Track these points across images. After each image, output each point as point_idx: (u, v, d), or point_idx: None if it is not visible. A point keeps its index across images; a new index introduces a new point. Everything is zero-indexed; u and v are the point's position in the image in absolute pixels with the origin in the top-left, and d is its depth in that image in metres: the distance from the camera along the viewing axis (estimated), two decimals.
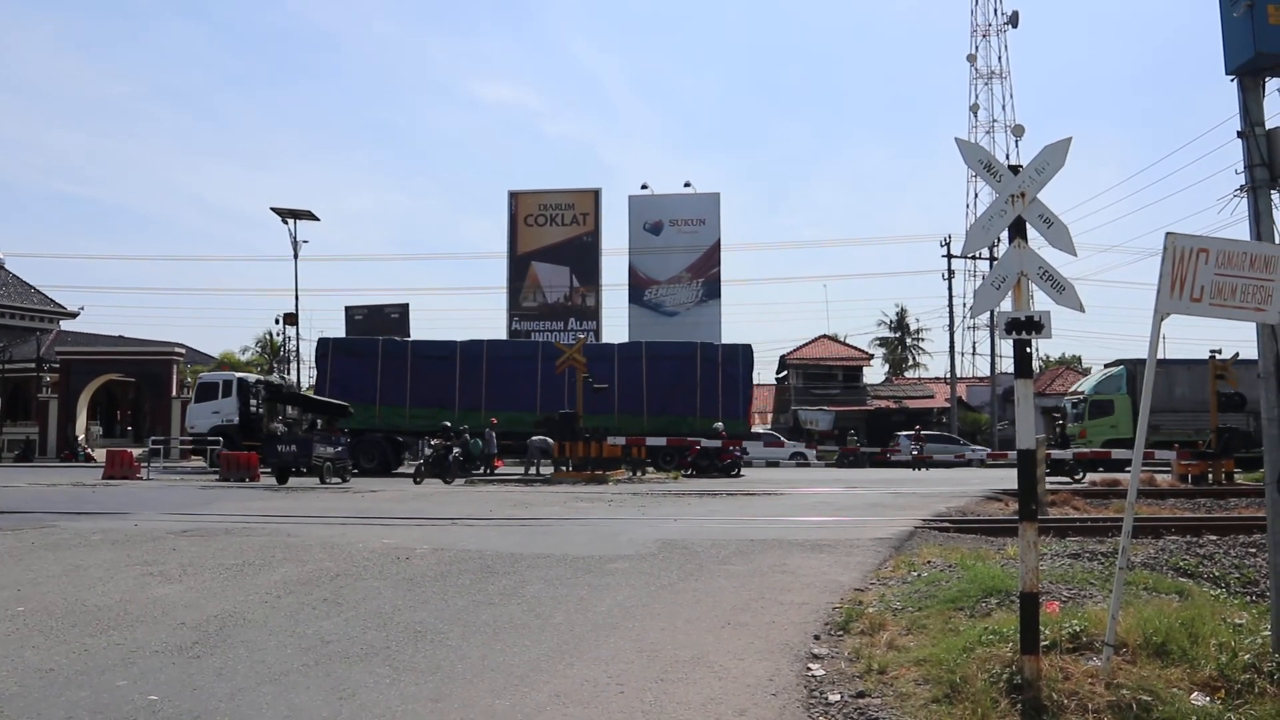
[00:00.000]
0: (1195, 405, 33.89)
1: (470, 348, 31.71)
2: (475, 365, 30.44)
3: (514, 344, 31.10)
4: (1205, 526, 11.70)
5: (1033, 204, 4.76)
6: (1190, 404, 34.13)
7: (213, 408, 32.32)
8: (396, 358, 30.81)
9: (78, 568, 8.72)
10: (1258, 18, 4.91)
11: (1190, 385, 34.27)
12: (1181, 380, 34.52)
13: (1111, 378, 37.22)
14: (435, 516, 14.21)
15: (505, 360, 30.87)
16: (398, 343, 32.33)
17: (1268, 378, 5.03)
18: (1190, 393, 34.13)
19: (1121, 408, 35.08)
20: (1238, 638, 5.11)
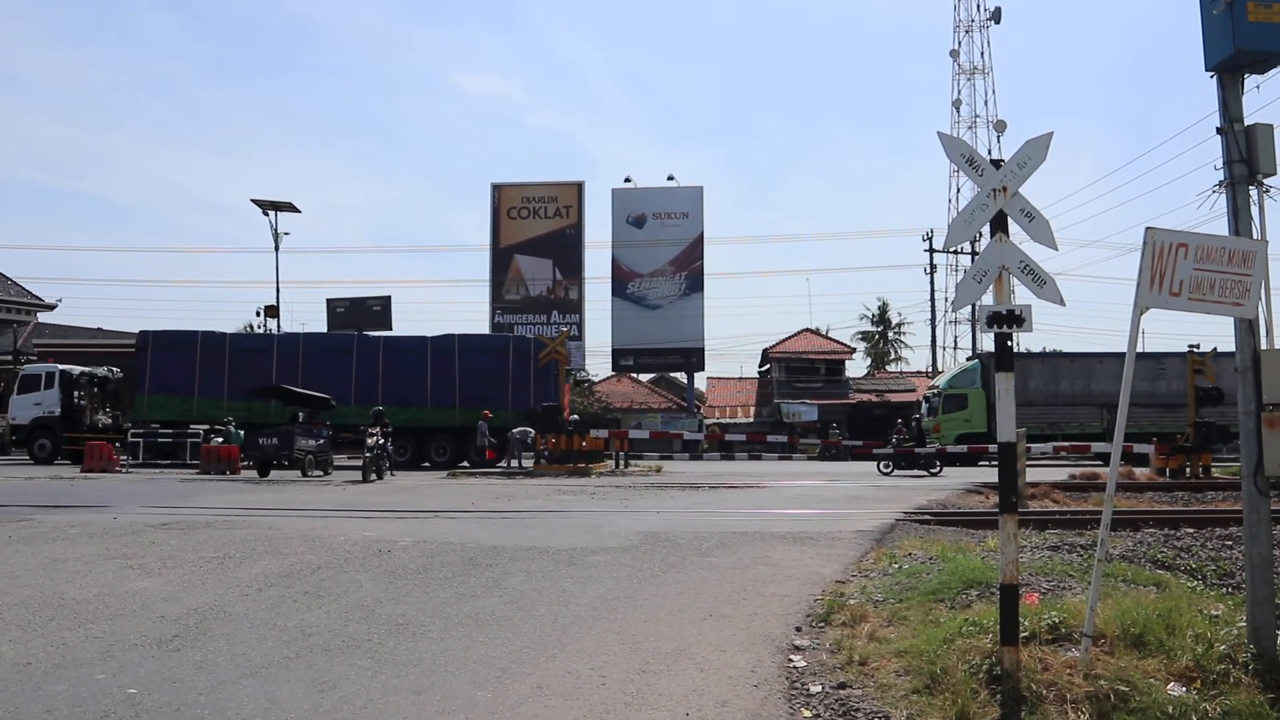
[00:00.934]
0: (1047, 399, 34.37)
1: (287, 341, 31.98)
2: (291, 358, 30.42)
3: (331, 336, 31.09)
4: (1183, 519, 11.81)
5: (1014, 198, 4.78)
6: (1043, 398, 34.45)
7: (34, 399, 31.97)
8: (215, 351, 30.75)
9: (56, 561, 8.64)
10: (1237, 15, 4.95)
11: (1043, 379, 34.61)
12: (1035, 374, 34.79)
13: (966, 372, 37.28)
14: (417, 509, 14.17)
15: (323, 353, 30.88)
16: (216, 336, 32.26)
17: (1244, 372, 5.07)
18: (1043, 386, 34.53)
19: (975, 402, 35.10)
20: (1214, 629, 5.16)
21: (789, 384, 52.48)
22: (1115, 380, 34.13)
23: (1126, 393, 5.10)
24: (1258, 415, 4.99)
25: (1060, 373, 35.36)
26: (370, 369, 29.82)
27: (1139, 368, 34.64)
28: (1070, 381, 34.88)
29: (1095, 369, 35.27)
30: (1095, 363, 35.95)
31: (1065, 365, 36.07)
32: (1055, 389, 34.74)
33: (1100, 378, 34.76)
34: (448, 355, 30.33)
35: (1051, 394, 34.61)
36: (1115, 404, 36.69)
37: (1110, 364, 35.60)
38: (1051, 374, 35.19)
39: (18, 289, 52.04)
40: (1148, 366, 35.04)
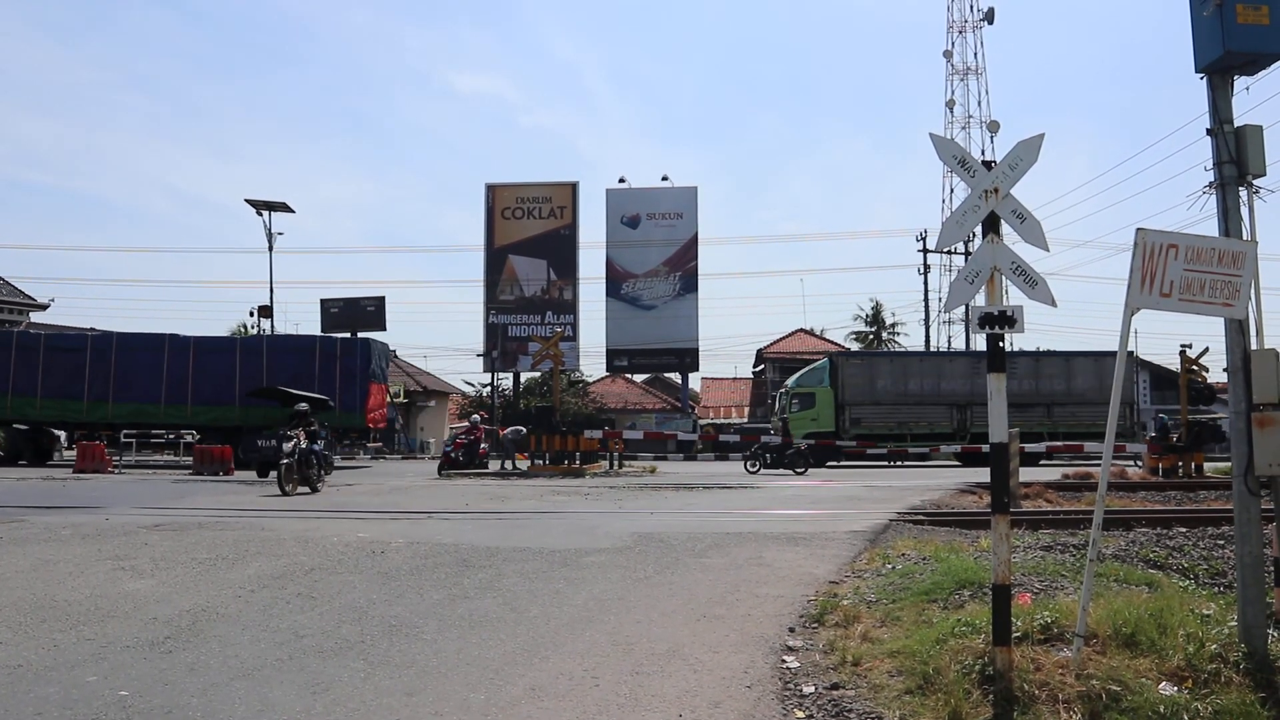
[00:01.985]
0: (897, 398, 34.22)
1: (100, 340, 32.07)
2: (105, 357, 30.60)
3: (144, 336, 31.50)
4: (1175, 519, 11.83)
5: (1006, 199, 4.79)
6: (892, 397, 34.31)
7: None
8: (29, 349, 30.93)
9: (47, 563, 8.62)
10: (1226, 17, 4.97)
11: (892, 378, 34.48)
12: (883, 373, 34.73)
13: (814, 370, 37.04)
14: (411, 510, 14.16)
15: (135, 352, 30.99)
16: (30, 335, 32.64)
17: (1235, 373, 5.09)
18: (892, 385, 34.35)
19: (823, 400, 34.95)
20: (1205, 628, 5.18)
21: (783, 384, 52.53)
22: (965, 380, 34.00)
23: (1117, 396, 5.12)
24: (1248, 415, 5.01)
25: (910, 372, 35.13)
26: (181, 368, 30.21)
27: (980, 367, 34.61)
28: (920, 381, 34.58)
29: (945, 368, 35.19)
30: (945, 362, 36.05)
31: (915, 364, 35.92)
32: (905, 388, 34.44)
33: (950, 377, 34.61)
34: (256, 355, 30.80)
35: (900, 393, 34.32)
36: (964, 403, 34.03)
37: (960, 363, 35.47)
38: (901, 373, 34.94)
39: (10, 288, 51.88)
40: None
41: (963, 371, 34.66)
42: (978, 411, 33.48)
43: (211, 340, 33.07)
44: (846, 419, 34.12)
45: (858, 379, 34.74)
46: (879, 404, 34.04)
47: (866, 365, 35.46)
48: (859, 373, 35.00)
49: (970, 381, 34.02)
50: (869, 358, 36.19)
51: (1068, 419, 34.16)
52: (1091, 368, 34.85)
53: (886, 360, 36.71)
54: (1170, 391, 43.98)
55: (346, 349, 31.07)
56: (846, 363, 35.91)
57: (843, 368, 35.32)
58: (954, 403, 34.34)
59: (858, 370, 35.18)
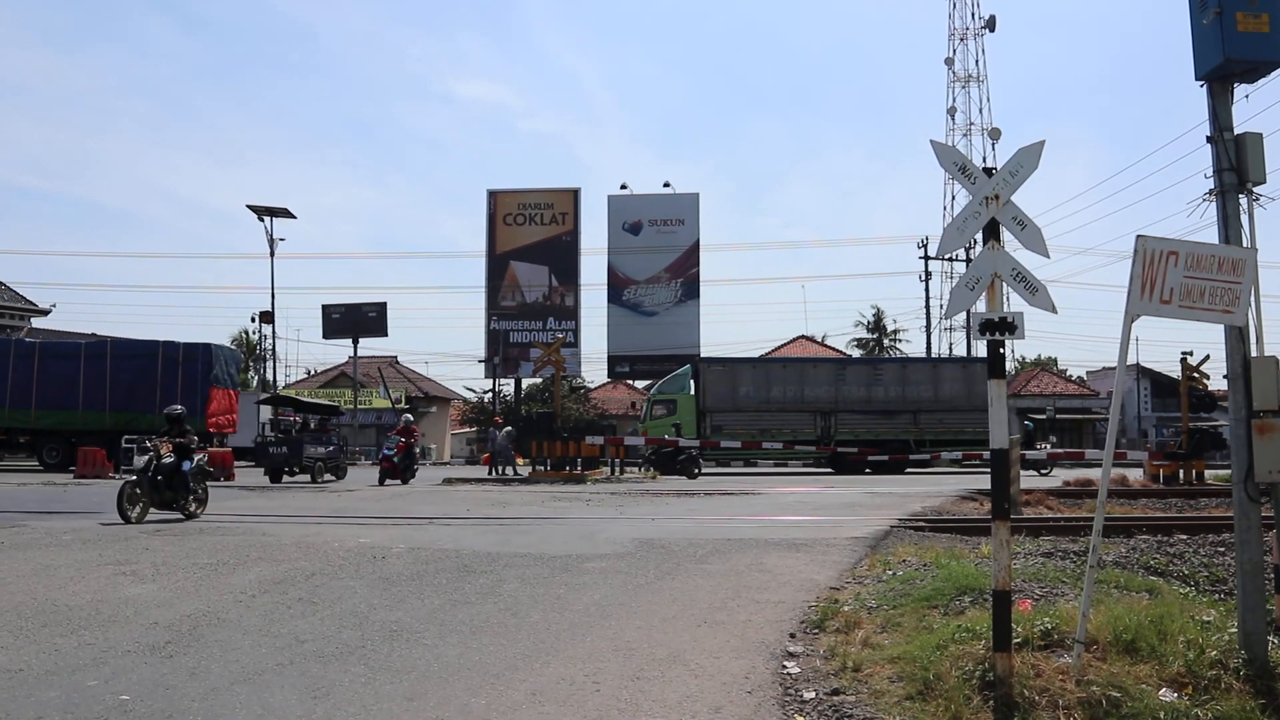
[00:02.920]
0: (759, 405, 33.69)
1: (21, 346, 32.29)
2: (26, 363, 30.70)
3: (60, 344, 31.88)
4: (1176, 526, 11.84)
5: (1006, 206, 4.81)
6: (754, 404, 33.82)
7: None
8: None
9: (48, 567, 8.62)
10: (1226, 25, 4.99)
11: (755, 384, 33.99)
12: (746, 379, 34.23)
13: (676, 377, 36.50)
14: (412, 515, 14.16)
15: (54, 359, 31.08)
16: None
17: (1234, 380, 5.10)
18: (755, 392, 33.88)
19: (684, 407, 34.36)
20: (1205, 635, 5.19)
21: None
22: (829, 386, 33.63)
23: (1118, 402, 5.12)
24: (1248, 422, 5.02)
25: (773, 378, 34.55)
26: (25, 373, 30.25)
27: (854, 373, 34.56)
28: (783, 387, 34.03)
29: (809, 375, 34.69)
30: (809, 368, 35.52)
31: (778, 371, 35.42)
32: (767, 395, 33.84)
33: (814, 383, 34.12)
34: (100, 360, 30.82)
35: (764, 399, 33.73)
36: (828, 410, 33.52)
37: (824, 369, 35.17)
38: (764, 379, 34.38)
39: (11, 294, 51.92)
40: (863, 372, 34.87)
41: (827, 378, 34.16)
42: (842, 418, 33.35)
43: (56, 345, 33.30)
44: (708, 426, 33.35)
45: (720, 385, 34.07)
46: (741, 411, 33.38)
47: (729, 371, 34.62)
48: (721, 379, 34.30)
49: (834, 388, 33.62)
50: (731, 364, 35.15)
51: (935, 426, 33.59)
52: (959, 375, 34.40)
53: (749, 366, 35.74)
54: (1171, 399, 44.03)
55: (189, 354, 31.31)
56: (708, 369, 35.05)
57: (705, 374, 34.56)
58: (818, 409, 33.76)
59: (720, 376, 34.42)
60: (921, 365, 36.55)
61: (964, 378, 34.13)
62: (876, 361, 35.14)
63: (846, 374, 34.57)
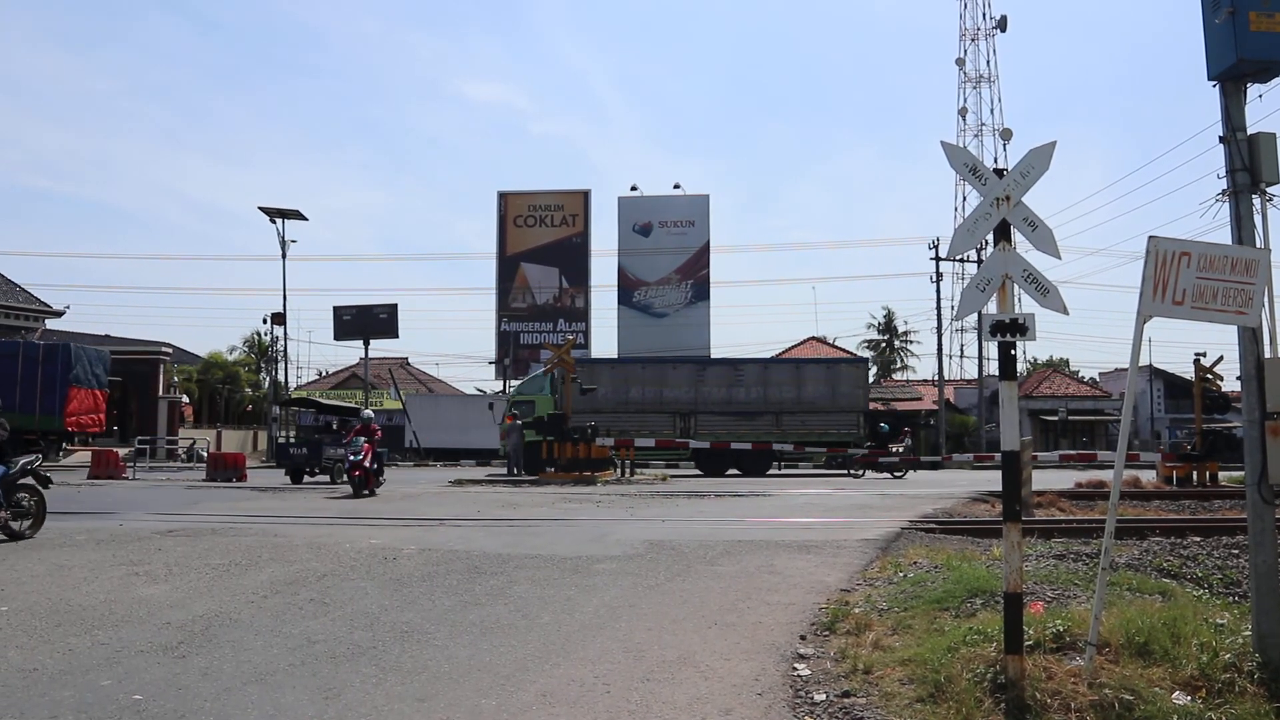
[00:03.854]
0: (618, 405, 33.18)
1: None
2: None
3: None
4: (1189, 528, 11.77)
5: (1017, 207, 4.79)
6: (613, 404, 33.27)
7: None
8: None
9: (62, 567, 8.68)
10: (1239, 25, 4.97)
11: (614, 385, 33.42)
12: (605, 379, 33.59)
13: (536, 378, 35.64)
14: (422, 517, 14.19)
15: None
16: None
17: (1248, 381, 5.07)
18: (614, 393, 33.31)
19: (543, 407, 33.29)
20: (1219, 638, 5.15)
21: None
22: (688, 387, 33.01)
23: (1130, 403, 5.10)
24: (1262, 424, 4.99)
25: (632, 379, 34.01)
26: None
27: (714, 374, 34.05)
28: (642, 388, 33.52)
29: (669, 375, 34.10)
30: (669, 369, 34.85)
31: (638, 371, 34.81)
32: (626, 395, 33.33)
33: (673, 384, 33.54)
34: None
35: (622, 400, 33.20)
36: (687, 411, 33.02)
37: (684, 370, 34.45)
38: (623, 380, 33.85)
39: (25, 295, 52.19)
40: (724, 373, 34.16)
41: (687, 379, 33.59)
42: (702, 420, 32.96)
43: None
44: None
45: (609, 387, 33.48)
46: (599, 411, 32.46)
47: (586, 372, 33.54)
48: (609, 379, 33.77)
49: (694, 389, 33.10)
50: (589, 364, 34.65)
51: (798, 427, 32.95)
52: (823, 376, 33.87)
53: (608, 367, 35.15)
54: (1184, 400, 43.75)
55: (48, 355, 31.55)
56: None
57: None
58: (677, 410, 33.27)
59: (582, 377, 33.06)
60: (784, 366, 35.79)
61: (828, 379, 33.57)
62: (738, 362, 34.46)
63: (707, 375, 33.90)
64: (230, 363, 63.69)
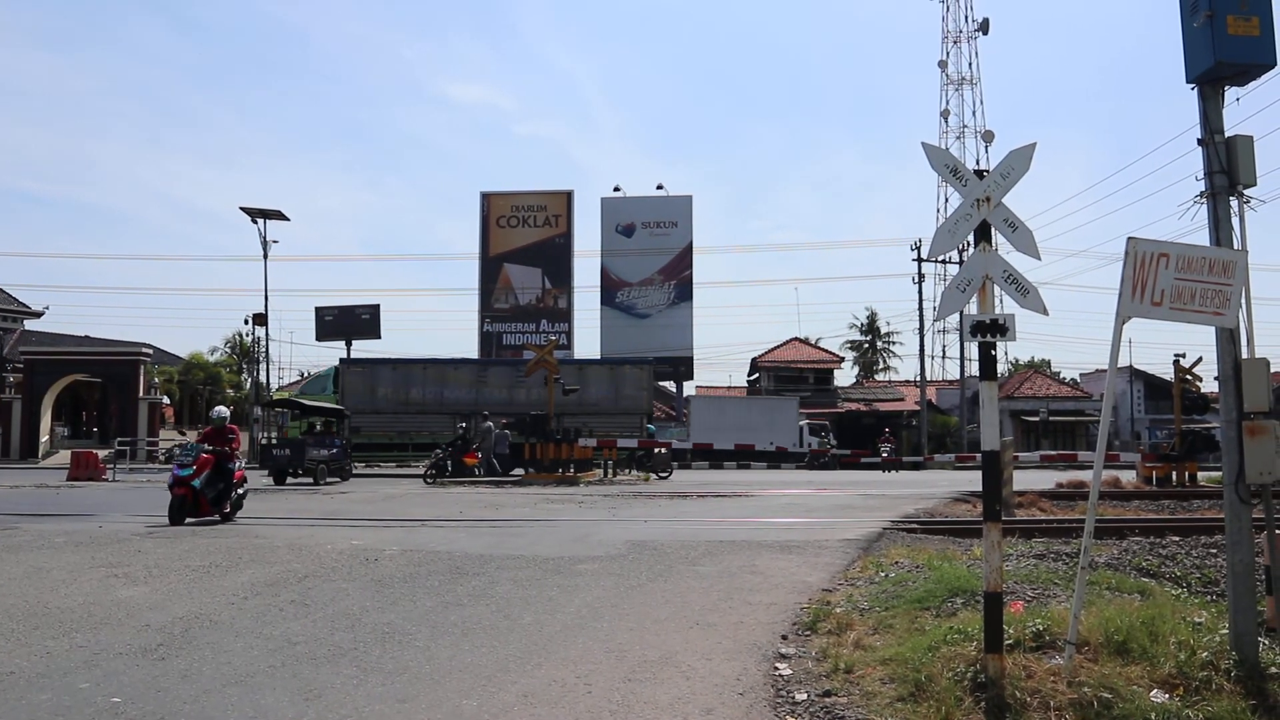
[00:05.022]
0: (398, 406, 32.97)
1: None
2: None
3: None
4: (1168, 527, 11.88)
5: (998, 208, 4.82)
6: (393, 405, 33.06)
7: None
8: None
9: (40, 570, 8.60)
10: (1217, 28, 5.01)
11: (394, 385, 33.28)
12: (385, 380, 33.54)
13: (320, 378, 35.96)
14: (404, 518, 14.14)
15: None
16: None
17: (1226, 381, 5.12)
18: (394, 393, 33.19)
19: None
20: (1197, 636, 5.20)
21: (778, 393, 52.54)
22: (469, 388, 32.77)
23: (1109, 404, 5.13)
24: (1239, 424, 5.04)
25: (413, 380, 33.81)
26: None
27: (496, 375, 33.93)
28: (423, 389, 33.35)
29: (449, 376, 33.95)
30: (449, 369, 34.70)
31: (418, 372, 34.51)
32: (407, 396, 33.16)
33: (454, 385, 33.42)
34: None
35: (403, 401, 33.06)
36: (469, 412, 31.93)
37: (465, 371, 34.26)
38: (403, 381, 33.62)
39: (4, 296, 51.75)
40: (506, 373, 34.05)
41: (468, 379, 33.43)
42: None
43: None
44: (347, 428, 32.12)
45: (359, 387, 33.33)
46: (380, 413, 32.66)
47: (368, 372, 33.84)
48: (360, 380, 33.57)
49: (475, 390, 32.91)
50: (371, 365, 34.55)
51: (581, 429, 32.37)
52: (606, 377, 33.72)
53: (389, 368, 34.82)
54: (1165, 401, 44.10)
55: None
56: (349, 369, 34.37)
57: (345, 375, 33.78)
58: (458, 411, 32.89)
59: (359, 378, 33.69)
60: (568, 368, 35.06)
61: (610, 380, 33.47)
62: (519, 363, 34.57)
63: (489, 376, 33.80)
64: (211, 364, 63.34)
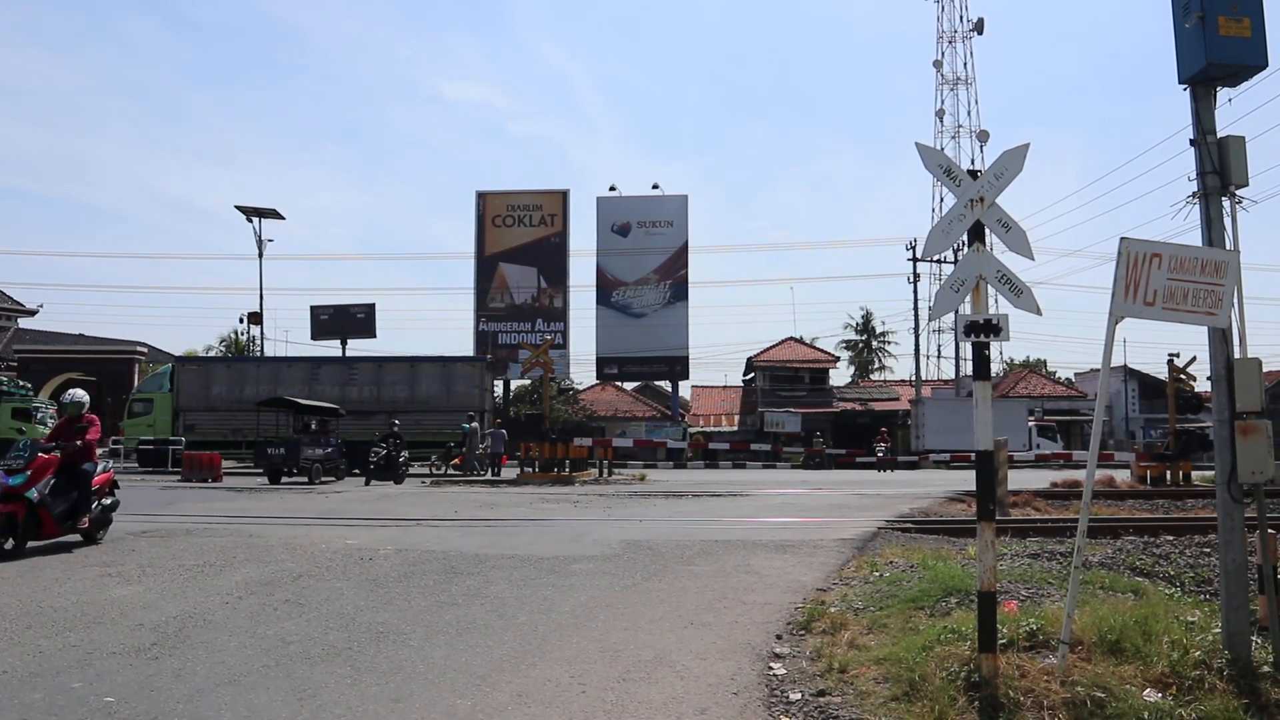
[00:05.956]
0: (231, 404, 32.87)
1: None
2: None
3: None
4: (1162, 527, 11.90)
5: (991, 208, 4.83)
6: (226, 403, 33.00)
7: None
8: None
9: (34, 569, 8.58)
10: (1209, 29, 5.03)
11: (229, 384, 33.29)
12: (220, 378, 33.57)
13: (156, 376, 35.80)
14: (400, 517, 14.12)
15: None
16: None
17: (1218, 381, 5.13)
18: (228, 391, 33.19)
19: (160, 406, 33.57)
20: (1190, 635, 5.21)
21: (773, 392, 52.54)
22: (302, 386, 32.69)
23: (1102, 403, 5.14)
24: (1231, 423, 5.05)
25: (247, 378, 33.80)
26: None
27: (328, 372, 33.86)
28: (257, 387, 33.17)
29: (284, 374, 33.87)
30: (284, 367, 34.69)
31: (252, 370, 34.59)
32: (241, 394, 32.98)
33: (288, 383, 33.27)
34: None
35: (237, 399, 32.88)
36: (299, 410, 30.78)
37: (298, 368, 34.31)
38: (238, 379, 33.70)
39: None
40: (338, 371, 34.09)
41: (301, 377, 33.45)
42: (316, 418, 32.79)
43: None
44: (181, 425, 32.77)
45: (194, 385, 33.36)
46: (214, 410, 32.66)
47: (203, 371, 33.96)
48: (196, 378, 33.63)
49: (308, 387, 32.86)
50: (206, 363, 35.08)
51: (412, 427, 31.55)
52: (438, 374, 33.57)
53: (224, 366, 35.05)
54: (1159, 400, 44.23)
55: None
56: (184, 368, 34.52)
57: (180, 373, 33.91)
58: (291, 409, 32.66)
59: (194, 376, 33.76)
60: (399, 364, 35.16)
61: (442, 377, 33.32)
62: (352, 360, 34.29)
63: (321, 373, 33.77)
64: None
